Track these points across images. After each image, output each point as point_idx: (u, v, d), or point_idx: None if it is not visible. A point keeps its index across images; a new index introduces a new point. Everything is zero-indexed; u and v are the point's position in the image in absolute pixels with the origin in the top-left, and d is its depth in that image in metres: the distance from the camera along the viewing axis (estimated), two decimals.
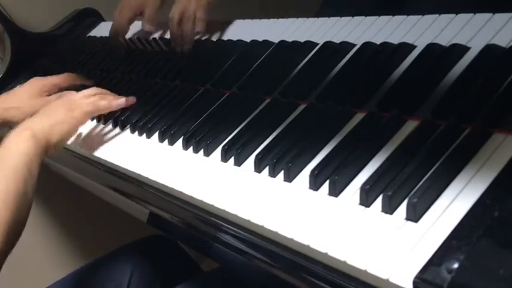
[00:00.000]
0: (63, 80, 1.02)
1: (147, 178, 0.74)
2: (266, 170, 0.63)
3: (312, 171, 0.58)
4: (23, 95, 0.99)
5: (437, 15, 0.69)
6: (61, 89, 1.01)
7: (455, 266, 0.42)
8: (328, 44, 0.78)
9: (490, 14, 0.64)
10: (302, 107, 0.70)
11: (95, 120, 0.96)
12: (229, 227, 0.62)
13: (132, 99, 0.87)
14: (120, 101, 0.85)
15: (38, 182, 0.72)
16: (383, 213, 0.51)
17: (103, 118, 0.94)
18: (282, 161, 0.62)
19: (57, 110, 0.81)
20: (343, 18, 0.80)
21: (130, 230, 1.16)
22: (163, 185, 0.71)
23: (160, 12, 1.14)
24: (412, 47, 0.68)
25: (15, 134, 0.75)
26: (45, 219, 1.45)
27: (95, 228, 1.50)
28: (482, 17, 0.65)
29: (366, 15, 0.77)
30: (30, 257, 1.41)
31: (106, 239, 1.37)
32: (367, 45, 0.73)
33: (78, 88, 1.01)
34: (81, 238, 1.52)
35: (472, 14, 0.66)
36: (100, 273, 0.96)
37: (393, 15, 0.74)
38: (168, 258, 1.01)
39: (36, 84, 1.01)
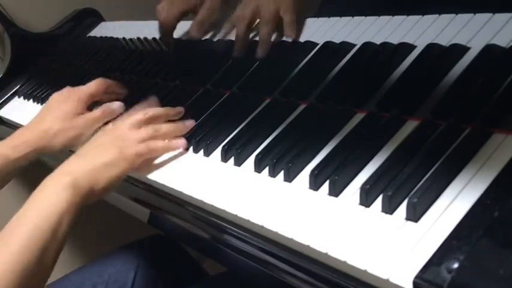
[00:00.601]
0: (98, 89, 0.86)
1: (147, 178, 0.74)
2: (266, 170, 0.63)
3: (312, 171, 0.58)
4: (60, 113, 0.82)
5: (437, 15, 0.69)
6: (97, 101, 0.88)
7: (455, 266, 0.42)
8: (328, 44, 0.78)
9: (490, 14, 0.64)
10: (302, 107, 0.70)
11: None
12: (229, 227, 0.62)
13: (190, 124, 0.75)
14: (180, 143, 0.73)
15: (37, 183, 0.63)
16: (383, 213, 0.51)
17: None
18: (282, 161, 0.62)
19: (106, 150, 0.67)
20: (343, 18, 0.80)
21: (130, 230, 1.16)
22: (163, 185, 0.71)
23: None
24: (412, 47, 0.68)
25: (52, 179, 0.62)
26: None
27: (95, 228, 1.50)
28: (482, 17, 0.65)
29: (366, 15, 0.77)
30: None
31: (106, 239, 1.38)
32: (367, 45, 0.73)
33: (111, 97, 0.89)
34: (81, 238, 1.52)
35: (472, 14, 0.66)
36: (104, 273, 0.96)
37: (393, 15, 0.74)
38: (170, 259, 1.01)
39: (72, 97, 0.84)
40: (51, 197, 0.60)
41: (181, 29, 1.05)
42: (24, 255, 0.55)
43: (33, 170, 0.81)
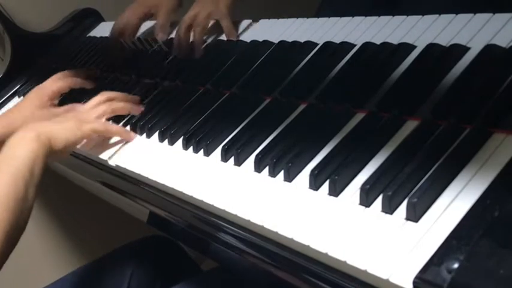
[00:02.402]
0: (63, 85, 1.00)
1: (147, 178, 0.74)
2: (266, 170, 0.63)
3: (312, 171, 0.58)
4: (27, 109, 0.97)
5: (437, 15, 0.69)
6: (62, 94, 1.02)
7: (455, 266, 0.42)
8: (328, 44, 0.78)
9: (490, 14, 0.64)
10: (302, 107, 0.70)
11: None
12: (229, 227, 0.62)
13: (138, 109, 0.88)
14: (132, 135, 0.84)
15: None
16: (383, 213, 0.51)
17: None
18: (282, 161, 0.62)
19: (67, 120, 0.81)
20: (343, 18, 0.80)
21: (130, 230, 1.16)
22: (163, 185, 0.71)
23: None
24: (412, 47, 0.68)
25: (20, 135, 0.74)
26: (44, 219, 1.45)
27: (95, 228, 1.50)
28: (482, 17, 0.65)
29: (366, 15, 0.77)
30: (29, 256, 1.41)
31: (106, 238, 1.38)
32: (367, 45, 0.73)
33: (78, 93, 1.02)
34: (81, 238, 1.52)
35: (472, 14, 0.66)
36: (100, 273, 0.96)
37: (393, 15, 0.74)
38: (168, 259, 1.01)
39: (37, 94, 0.99)
40: (23, 146, 0.72)
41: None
42: (15, 188, 0.67)
43: None
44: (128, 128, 0.87)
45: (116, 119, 0.89)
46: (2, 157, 0.72)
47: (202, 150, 0.73)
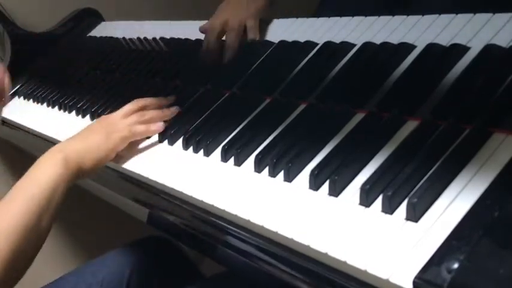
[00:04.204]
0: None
1: (147, 178, 0.74)
2: (266, 170, 0.63)
3: (312, 171, 0.58)
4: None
5: (437, 15, 0.69)
6: None
7: (455, 266, 0.42)
8: (328, 44, 0.78)
9: (490, 14, 0.64)
10: (302, 107, 0.70)
11: (95, 120, 0.96)
12: (229, 227, 0.62)
13: (172, 112, 0.82)
14: (157, 127, 0.80)
15: None
16: (383, 213, 0.51)
17: None
18: (282, 161, 0.62)
19: (94, 133, 0.76)
20: (343, 18, 0.80)
21: (130, 230, 1.16)
22: (163, 185, 0.71)
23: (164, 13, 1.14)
24: (412, 47, 0.68)
25: (47, 156, 0.71)
26: None
27: (95, 228, 1.50)
28: (482, 17, 0.65)
29: (366, 15, 0.77)
30: None
31: (105, 238, 1.37)
32: (367, 45, 0.73)
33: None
34: (80, 238, 1.52)
35: (472, 14, 0.66)
36: (99, 273, 0.96)
37: (393, 15, 0.74)
38: (166, 259, 1.01)
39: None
40: (46, 170, 0.69)
41: (182, 29, 1.05)
42: (24, 218, 0.63)
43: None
44: None
45: None
46: (23, 180, 0.68)
47: (202, 150, 0.73)
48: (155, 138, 0.81)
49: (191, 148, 0.74)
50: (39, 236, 0.65)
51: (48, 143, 0.97)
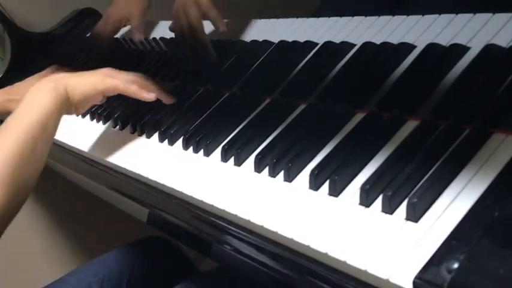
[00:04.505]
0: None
1: (147, 178, 0.74)
2: (266, 170, 0.63)
3: (312, 171, 0.58)
4: (26, 88, 0.98)
5: (437, 15, 0.69)
6: None
7: (455, 266, 0.42)
8: (328, 44, 0.78)
9: (490, 14, 0.64)
10: (302, 107, 0.70)
11: (94, 120, 0.96)
12: (229, 227, 0.62)
13: (169, 99, 0.84)
14: (149, 95, 0.80)
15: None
16: (383, 213, 0.51)
17: (103, 117, 0.94)
18: (282, 161, 0.62)
19: (92, 75, 0.78)
20: (343, 18, 0.80)
21: (129, 230, 1.16)
22: (163, 185, 0.71)
23: (163, 13, 1.14)
24: (412, 47, 0.68)
25: (38, 86, 0.73)
26: (44, 218, 1.45)
27: (94, 228, 1.50)
28: (482, 17, 0.65)
29: (366, 15, 0.77)
30: (29, 256, 1.41)
31: (105, 238, 1.38)
32: (367, 45, 0.73)
33: None
34: (81, 238, 1.52)
35: (472, 14, 0.66)
36: (99, 273, 0.96)
37: (393, 15, 0.74)
38: (166, 259, 1.01)
39: (37, 79, 1.00)
40: (39, 99, 0.71)
41: None
42: (21, 144, 0.65)
43: None
44: (129, 127, 0.87)
45: (116, 118, 0.89)
46: (17, 110, 0.70)
47: (202, 150, 0.73)
48: (155, 138, 0.81)
49: (191, 148, 0.74)
50: (36, 163, 0.67)
51: None
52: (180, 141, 0.77)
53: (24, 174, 0.65)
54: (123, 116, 0.90)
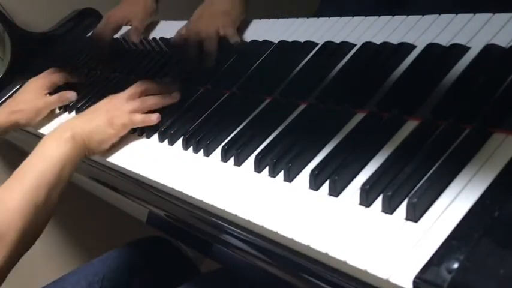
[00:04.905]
0: (58, 79, 1.05)
1: (147, 178, 0.74)
2: (266, 170, 0.63)
3: (312, 171, 0.58)
4: (26, 97, 1.02)
5: (437, 15, 0.69)
6: (59, 87, 1.05)
7: (455, 266, 0.42)
8: (328, 44, 0.78)
9: (490, 14, 0.64)
10: (302, 107, 0.70)
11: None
12: (229, 227, 0.62)
13: (173, 98, 0.85)
14: (155, 118, 0.82)
15: None
16: (383, 213, 0.51)
17: None
18: (282, 161, 0.62)
19: (100, 116, 0.80)
20: (343, 18, 0.80)
21: (129, 230, 1.16)
22: (163, 185, 0.71)
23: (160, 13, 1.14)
24: (412, 47, 0.68)
25: (54, 135, 0.74)
26: None
27: (94, 228, 1.50)
28: (482, 17, 0.65)
29: (366, 15, 0.77)
30: (29, 256, 1.41)
31: (105, 238, 1.38)
32: (367, 45, 0.73)
33: (72, 85, 1.07)
34: (80, 238, 1.52)
35: (472, 14, 0.66)
36: (99, 273, 0.96)
37: (393, 15, 0.74)
38: (167, 259, 1.01)
39: (35, 85, 1.03)
40: (55, 147, 0.72)
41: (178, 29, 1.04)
42: (35, 194, 0.66)
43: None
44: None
45: None
46: (32, 157, 0.71)
47: (202, 150, 0.73)
48: (155, 138, 0.81)
49: (191, 148, 0.74)
50: (48, 211, 0.68)
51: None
52: (180, 141, 0.77)
53: (36, 221, 0.66)
54: None
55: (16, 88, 1.28)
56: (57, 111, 1.06)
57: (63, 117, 1.04)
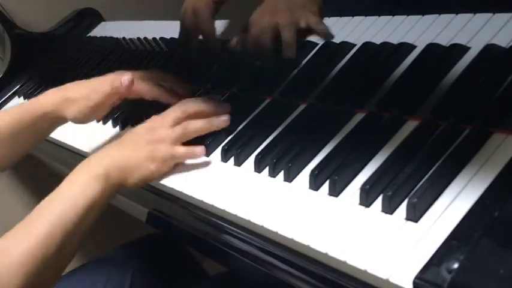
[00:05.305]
0: (146, 92, 0.81)
1: None
2: (266, 170, 0.63)
3: (312, 171, 0.58)
4: (94, 87, 0.78)
5: (437, 15, 0.69)
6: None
7: (455, 266, 0.42)
8: (328, 44, 0.78)
9: (490, 14, 0.64)
10: (302, 107, 0.70)
11: (95, 120, 0.96)
12: (229, 227, 0.62)
13: (226, 118, 0.72)
14: (200, 151, 0.69)
15: (36, 181, 0.64)
16: (383, 213, 0.51)
17: (104, 118, 0.94)
18: (282, 161, 0.62)
19: (139, 148, 0.67)
20: (343, 18, 0.80)
21: (129, 230, 1.16)
22: (163, 185, 0.71)
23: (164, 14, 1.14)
24: (412, 47, 0.68)
25: (86, 168, 0.63)
26: None
27: (94, 228, 1.50)
28: (482, 17, 0.65)
29: (366, 15, 0.77)
30: None
31: (104, 238, 1.37)
32: (367, 45, 0.73)
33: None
34: None
35: (472, 14, 0.66)
36: (99, 273, 0.96)
37: (393, 15, 0.74)
38: (169, 258, 1.01)
39: (113, 80, 0.78)
40: (82, 186, 0.60)
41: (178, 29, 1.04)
42: (48, 242, 0.55)
43: (32, 170, 0.83)
44: (129, 127, 0.87)
45: (115, 118, 0.89)
46: (54, 194, 0.60)
47: None
48: None
49: None
50: (61, 263, 0.58)
51: (49, 143, 0.97)
52: None
53: (44, 276, 0.56)
54: (123, 116, 0.90)
55: (16, 88, 1.28)
56: None
57: None
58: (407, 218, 0.49)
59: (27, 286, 0.54)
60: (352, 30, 0.77)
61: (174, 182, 0.69)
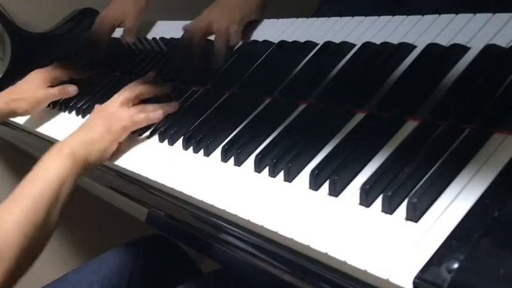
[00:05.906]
0: (62, 73, 1.06)
1: (147, 178, 0.74)
2: (266, 170, 0.63)
3: (312, 171, 0.58)
4: (28, 86, 1.02)
5: (437, 15, 0.69)
6: (61, 81, 1.06)
7: (455, 266, 0.42)
8: (328, 44, 0.78)
9: (490, 14, 0.64)
10: (302, 107, 0.70)
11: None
12: (229, 227, 0.62)
13: (172, 107, 0.83)
14: (157, 115, 0.81)
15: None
16: (383, 213, 0.51)
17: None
18: (282, 161, 0.62)
19: (96, 126, 0.78)
20: (343, 18, 0.80)
21: (129, 229, 1.16)
22: (163, 185, 0.71)
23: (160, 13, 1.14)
24: (412, 47, 0.68)
25: (53, 152, 0.73)
26: None
27: (93, 227, 1.50)
28: (482, 17, 0.65)
29: (366, 15, 0.77)
30: None
31: (104, 238, 1.37)
32: (367, 45, 0.73)
33: (74, 82, 1.07)
34: (80, 237, 1.52)
35: (472, 14, 0.66)
36: (100, 272, 0.96)
37: (393, 15, 0.74)
38: (167, 258, 1.01)
39: (38, 76, 1.03)
40: (54, 166, 0.70)
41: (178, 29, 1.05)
42: (33, 213, 0.65)
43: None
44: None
45: None
46: (31, 176, 0.70)
47: (202, 150, 0.73)
48: (155, 138, 0.81)
49: (191, 148, 0.74)
50: (47, 231, 0.67)
51: (49, 143, 0.97)
52: (180, 141, 0.77)
53: (35, 241, 0.65)
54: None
55: None
56: (58, 111, 1.06)
57: (63, 117, 1.04)
58: (407, 218, 0.49)
59: (24, 248, 0.63)
60: (352, 30, 0.77)
61: (174, 182, 0.69)
